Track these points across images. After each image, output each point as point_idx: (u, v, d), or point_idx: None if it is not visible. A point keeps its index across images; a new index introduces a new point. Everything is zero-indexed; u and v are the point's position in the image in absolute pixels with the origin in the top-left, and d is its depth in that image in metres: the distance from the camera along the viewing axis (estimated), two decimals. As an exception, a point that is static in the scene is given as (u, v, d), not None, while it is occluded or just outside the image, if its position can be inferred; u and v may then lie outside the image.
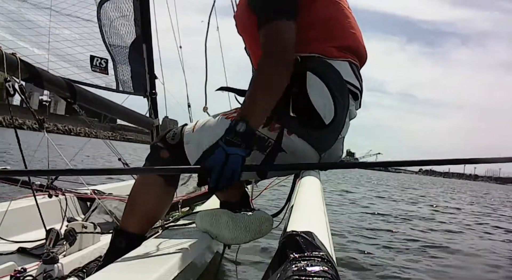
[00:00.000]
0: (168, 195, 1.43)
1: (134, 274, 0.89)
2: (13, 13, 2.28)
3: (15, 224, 1.83)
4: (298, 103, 1.25)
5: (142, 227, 1.38)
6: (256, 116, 1.16)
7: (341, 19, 1.36)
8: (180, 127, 1.45)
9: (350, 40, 1.36)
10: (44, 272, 1.38)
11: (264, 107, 1.18)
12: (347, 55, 1.33)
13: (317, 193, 1.14)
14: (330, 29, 1.33)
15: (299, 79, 1.24)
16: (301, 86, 1.24)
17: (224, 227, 1.27)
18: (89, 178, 4.53)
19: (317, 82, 1.25)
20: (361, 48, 1.39)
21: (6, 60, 1.78)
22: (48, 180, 2.26)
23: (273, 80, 1.18)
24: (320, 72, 1.25)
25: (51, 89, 2.10)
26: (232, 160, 1.06)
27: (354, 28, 1.39)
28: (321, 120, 1.26)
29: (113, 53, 2.61)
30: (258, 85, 1.19)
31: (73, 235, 1.63)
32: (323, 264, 0.48)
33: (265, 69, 1.19)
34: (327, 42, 1.31)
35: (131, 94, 2.78)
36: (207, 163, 1.07)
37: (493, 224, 8.00)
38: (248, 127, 1.10)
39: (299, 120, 1.26)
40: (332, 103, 1.26)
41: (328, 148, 1.34)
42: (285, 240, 0.58)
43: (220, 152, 1.07)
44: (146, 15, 2.69)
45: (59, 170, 1.17)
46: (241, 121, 1.11)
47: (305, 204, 0.91)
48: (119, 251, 1.24)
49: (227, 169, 1.06)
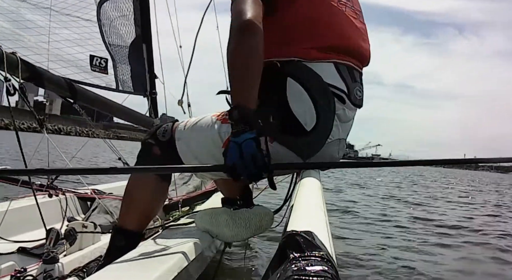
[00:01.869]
0: (162, 190, 1.43)
1: (134, 274, 0.89)
2: (13, 13, 2.28)
3: (15, 223, 1.83)
4: (278, 110, 1.23)
5: (140, 223, 1.38)
6: (244, 95, 1.10)
7: (325, 17, 1.28)
8: (171, 123, 1.43)
9: (336, 39, 1.29)
10: (44, 272, 1.38)
11: (246, 83, 1.11)
12: (331, 55, 1.27)
13: (317, 193, 1.14)
14: (311, 29, 1.27)
15: (278, 86, 1.22)
16: (281, 93, 1.22)
17: (223, 225, 1.27)
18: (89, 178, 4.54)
19: (297, 89, 1.22)
20: (354, 45, 1.33)
21: (7, 59, 1.78)
22: (48, 179, 2.26)
23: (243, 50, 1.11)
24: (300, 78, 1.22)
25: (51, 88, 2.10)
26: (245, 147, 1.03)
27: (344, 25, 1.32)
28: (301, 126, 1.23)
29: (113, 53, 2.61)
30: (232, 62, 1.13)
31: (73, 235, 1.63)
32: (323, 264, 0.48)
33: (231, 43, 1.13)
34: (307, 42, 1.26)
35: (131, 94, 2.78)
36: (228, 161, 1.05)
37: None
38: (240, 110, 1.06)
39: (280, 127, 1.24)
40: (314, 109, 1.22)
41: (313, 154, 1.31)
42: (285, 240, 0.58)
43: (233, 147, 1.04)
44: (146, 14, 2.69)
45: (60, 169, 1.17)
46: (233, 108, 1.08)
47: (305, 204, 0.91)
48: (119, 249, 1.24)
49: (246, 158, 1.03)
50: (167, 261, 0.96)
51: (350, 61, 1.32)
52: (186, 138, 1.36)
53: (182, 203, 2.21)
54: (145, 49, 2.71)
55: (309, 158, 1.30)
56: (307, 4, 1.28)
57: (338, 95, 1.28)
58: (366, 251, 3.93)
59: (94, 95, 2.41)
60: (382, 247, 4.08)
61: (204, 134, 1.34)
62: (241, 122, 1.06)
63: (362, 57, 1.38)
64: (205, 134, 1.33)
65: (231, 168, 1.04)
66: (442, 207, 8.35)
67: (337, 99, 1.28)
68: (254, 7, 1.15)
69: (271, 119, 1.23)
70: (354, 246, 4.06)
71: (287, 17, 1.26)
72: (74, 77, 2.38)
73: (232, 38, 1.13)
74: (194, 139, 1.35)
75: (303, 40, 1.26)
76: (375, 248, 4.03)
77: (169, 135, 1.39)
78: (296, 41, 1.26)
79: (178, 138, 1.38)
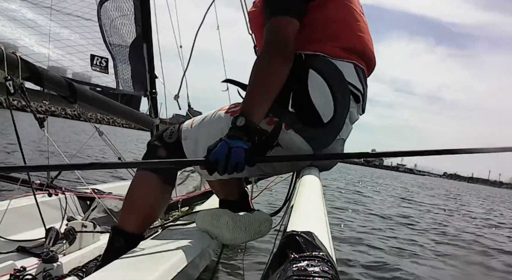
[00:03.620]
0: (165, 194, 1.43)
1: (134, 274, 0.89)
2: (14, 12, 2.28)
3: (14, 223, 1.83)
4: (298, 99, 1.26)
5: (140, 226, 1.37)
6: (254, 110, 1.17)
7: (350, 21, 1.35)
8: (178, 125, 1.46)
9: (357, 43, 1.35)
10: (43, 271, 1.38)
11: (261, 100, 1.19)
12: (352, 57, 1.33)
13: (317, 193, 1.14)
14: (337, 30, 1.33)
15: (301, 76, 1.25)
16: (302, 83, 1.24)
17: (224, 227, 1.28)
18: (89, 178, 4.54)
19: (318, 80, 1.25)
20: (368, 52, 1.39)
21: (7, 59, 1.78)
22: (48, 179, 2.26)
23: (269, 73, 1.19)
24: (323, 71, 1.25)
25: (52, 88, 2.10)
26: (234, 152, 1.09)
27: (363, 32, 1.38)
28: (319, 117, 1.26)
29: (113, 52, 2.61)
30: (255, 79, 1.20)
31: (72, 234, 1.63)
32: (323, 264, 0.48)
33: (261, 62, 1.20)
34: (333, 42, 1.31)
35: (131, 93, 2.78)
36: (212, 156, 1.10)
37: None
38: (247, 120, 1.13)
39: (297, 115, 1.26)
40: (332, 102, 1.25)
41: (324, 147, 1.33)
42: (285, 240, 0.58)
43: (223, 145, 1.10)
44: (146, 14, 2.69)
45: (58, 165, 1.16)
46: (241, 115, 1.14)
47: (305, 204, 0.91)
48: (117, 250, 1.23)
49: (231, 161, 1.08)
50: (167, 261, 0.96)
51: (364, 66, 1.38)
52: (194, 136, 1.37)
53: (182, 203, 2.21)
54: (146, 49, 2.71)
55: (320, 150, 1.33)
56: (336, 9, 1.34)
57: (354, 94, 1.33)
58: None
59: (94, 94, 2.41)
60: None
61: (213, 127, 1.35)
62: (242, 130, 1.12)
63: (371, 62, 1.42)
64: (215, 127, 1.34)
65: (212, 164, 1.10)
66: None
67: (353, 97, 1.33)
68: (293, 33, 1.22)
69: (290, 108, 1.26)
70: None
71: (318, 18, 1.31)
72: (74, 77, 2.38)
73: (265, 58, 1.20)
74: (202, 135, 1.36)
75: (329, 39, 1.31)
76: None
77: (176, 136, 1.40)
78: (323, 39, 1.31)
79: (185, 137, 1.39)
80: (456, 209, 11.50)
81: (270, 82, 1.19)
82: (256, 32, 1.46)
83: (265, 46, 1.21)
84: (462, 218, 9.14)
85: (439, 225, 7.07)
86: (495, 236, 6.71)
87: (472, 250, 5.03)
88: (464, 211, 11.14)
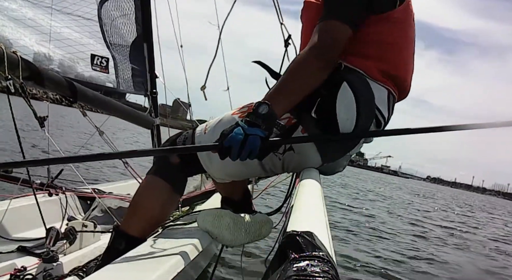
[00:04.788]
0: (173, 202, 1.42)
1: (134, 274, 0.88)
2: (14, 12, 2.28)
3: (15, 222, 1.83)
4: (323, 106, 1.23)
5: (144, 230, 1.36)
6: (280, 102, 1.14)
7: (401, 48, 1.32)
8: (191, 131, 1.43)
9: (400, 72, 1.32)
10: (44, 271, 1.38)
11: (290, 96, 1.16)
12: (390, 83, 1.30)
13: (317, 193, 1.14)
14: (385, 53, 1.30)
15: (333, 85, 1.22)
16: (333, 93, 1.22)
17: (225, 228, 1.28)
18: (89, 178, 4.54)
19: (349, 95, 1.21)
20: (406, 83, 1.36)
21: (7, 58, 1.78)
22: (48, 178, 2.26)
23: (308, 72, 1.17)
24: (356, 88, 1.22)
25: (52, 87, 2.10)
26: (250, 140, 1.05)
27: (409, 61, 1.36)
28: (338, 131, 1.23)
29: (114, 52, 2.61)
30: (292, 73, 1.18)
31: (73, 234, 1.63)
32: (323, 264, 0.48)
33: (304, 59, 1.17)
34: (377, 63, 1.28)
35: (132, 93, 2.78)
36: (226, 141, 1.06)
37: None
38: (270, 110, 1.09)
39: (317, 122, 1.24)
40: (355, 121, 1.23)
41: (332, 160, 1.33)
42: (285, 240, 0.58)
43: (239, 132, 1.06)
44: (147, 14, 2.69)
45: (57, 158, 1.15)
46: (264, 104, 1.10)
47: (305, 204, 0.90)
48: (117, 252, 1.22)
49: (245, 149, 1.05)
50: (167, 261, 0.96)
51: (397, 94, 1.35)
52: (208, 141, 1.32)
53: (182, 203, 2.21)
54: (146, 48, 2.71)
55: (327, 163, 1.33)
56: (392, 31, 1.30)
57: (378, 119, 1.31)
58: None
59: (94, 94, 2.40)
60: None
61: None
62: (262, 118, 1.08)
63: (405, 92, 1.40)
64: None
65: (225, 149, 1.06)
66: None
67: (375, 122, 1.31)
68: (344, 41, 1.19)
69: (312, 113, 1.24)
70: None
71: (371, 33, 1.27)
72: (75, 76, 2.39)
73: (308, 57, 1.17)
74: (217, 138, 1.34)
75: (374, 59, 1.28)
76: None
77: (189, 142, 1.38)
78: (368, 57, 1.28)
79: (199, 142, 1.36)
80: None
81: (306, 81, 1.17)
82: (306, 22, 1.39)
83: (312, 45, 1.18)
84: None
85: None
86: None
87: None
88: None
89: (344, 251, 3.92)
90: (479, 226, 9.96)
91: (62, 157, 1.18)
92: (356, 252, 4.02)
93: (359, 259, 3.70)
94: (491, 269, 4.55)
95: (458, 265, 4.28)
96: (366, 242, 4.60)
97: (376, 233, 5.39)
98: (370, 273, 3.38)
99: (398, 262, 3.90)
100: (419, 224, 7.55)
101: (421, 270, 3.81)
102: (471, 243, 6.27)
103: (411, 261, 4.07)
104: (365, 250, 4.17)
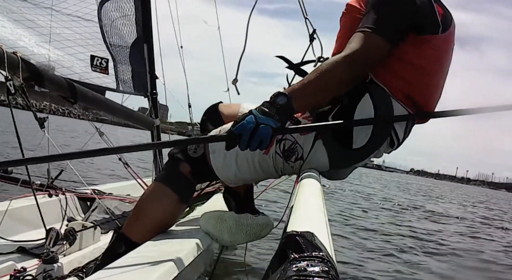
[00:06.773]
0: (179, 212, 1.39)
1: (134, 274, 0.88)
2: (14, 13, 2.28)
3: (15, 223, 1.82)
4: (341, 113, 1.23)
5: (145, 237, 1.32)
6: (301, 98, 1.13)
7: (429, 73, 1.30)
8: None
9: (424, 98, 1.31)
10: (43, 272, 1.38)
11: (312, 95, 1.16)
12: (412, 107, 1.29)
13: (317, 193, 1.14)
14: (414, 77, 1.28)
15: (355, 94, 1.22)
16: (354, 101, 1.22)
17: (226, 231, 1.28)
18: (89, 178, 4.54)
19: (368, 108, 1.21)
20: (426, 109, 1.35)
21: (7, 59, 1.77)
22: (48, 179, 2.26)
23: (337, 77, 1.16)
24: (378, 103, 1.22)
25: (52, 88, 2.10)
26: (261, 129, 1.03)
27: (434, 88, 1.34)
28: (350, 140, 1.23)
29: (113, 53, 2.61)
30: (323, 73, 1.16)
31: (73, 235, 1.62)
32: (323, 264, 0.48)
33: (337, 63, 1.17)
34: (404, 84, 1.27)
35: (132, 94, 2.78)
36: (236, 129, 1.05)
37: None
38: (288, 102, 1.08)
39: (332, 129, 1.25)
40: (369, 135, 1.23)
41: (339, 168, 1.33)
42: (285, 240, 0.58)
43: (251, 120, 1.04)
44: (147, 15, 2.69)
45: (57, 155, 1.14)
46: (284, 95, 1.09)
47: (305, 205, 0.90)
48: (117, 255, 1.22)
49: (255, 138, 1.03)
50: (166, 262, 0.96)
51: (417, 119, 1.35)
52: (222, 149, 1.27)
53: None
54: (146, 49, 2.72)
55: (335, 170, 1.33)
56: (426, 55, 1.28)
57: (392, 139, 1.31)
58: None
59: (94, 95, 2.40)
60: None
61: None
62: (278, 108, 1.07)
63: (425, 120, 1.39)
64: None
65: (234, 136, 1.04)
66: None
67: (389, 141, 1.31)
68: (380, 56, 1.20)
69: (329, 118, 1.25)
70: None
71: (405, 53, 1.26)
72: (74, 77, 2.38)
73: (343, 62, 1.16)
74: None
75: (402, 80, 1.27)
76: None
77: (202, 150, 1.35)
78: (396, 76, 1.27)
79: (213, 150, 1.33)
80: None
81: (331, 86, 1.17)
82: (345, 25, 1.38)
83: (348, 53, 1.17)
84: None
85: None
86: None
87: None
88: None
89: (344, 251, 3.92)
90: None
91: (62, 153, 1.17)
92: (356, 252, 4.01)
93: (359, 259, 3.70)
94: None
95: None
96: (366, 242, 4.59)
97: (378, 233, 5.39)
98: (370, 273, 3.37)
99: (399, 262, 3.90)
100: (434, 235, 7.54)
101: (425, 267, 3.81)
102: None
103: (413, 259, 4.06)
104: (365, 250, 4.16)
